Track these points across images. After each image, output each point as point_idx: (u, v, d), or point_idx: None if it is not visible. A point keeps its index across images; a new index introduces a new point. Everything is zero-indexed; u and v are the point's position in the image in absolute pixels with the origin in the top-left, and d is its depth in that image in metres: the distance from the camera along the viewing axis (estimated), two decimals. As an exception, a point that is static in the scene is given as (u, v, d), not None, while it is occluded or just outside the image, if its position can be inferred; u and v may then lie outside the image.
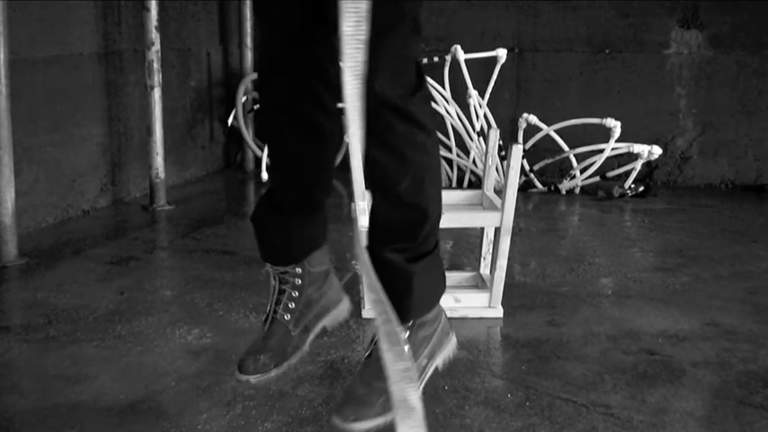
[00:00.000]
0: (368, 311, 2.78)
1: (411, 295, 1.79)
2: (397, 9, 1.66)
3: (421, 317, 1.84)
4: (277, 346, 1.96)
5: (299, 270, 1.96)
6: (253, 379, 1.95)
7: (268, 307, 1.98)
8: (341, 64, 1.57)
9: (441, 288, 1.90)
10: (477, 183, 4.99)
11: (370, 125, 1.61)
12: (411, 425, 1.65)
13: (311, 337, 2.01)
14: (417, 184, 1.74)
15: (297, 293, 1.96)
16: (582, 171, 4.94)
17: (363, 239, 1.67)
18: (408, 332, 1.83)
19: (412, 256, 1.77)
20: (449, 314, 2.84)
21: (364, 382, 1.81)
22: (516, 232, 3.84)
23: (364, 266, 1.65)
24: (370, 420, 1.78)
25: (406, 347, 1.71)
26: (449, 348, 1.96)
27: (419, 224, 1.77)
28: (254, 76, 5.42)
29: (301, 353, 2.01)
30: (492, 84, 5.03)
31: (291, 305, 1.96)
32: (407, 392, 1.66)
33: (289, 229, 1.90)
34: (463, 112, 5.01)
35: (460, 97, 5.01)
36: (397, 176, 1.73)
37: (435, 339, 1.90)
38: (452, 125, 5.02)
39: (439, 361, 1.92)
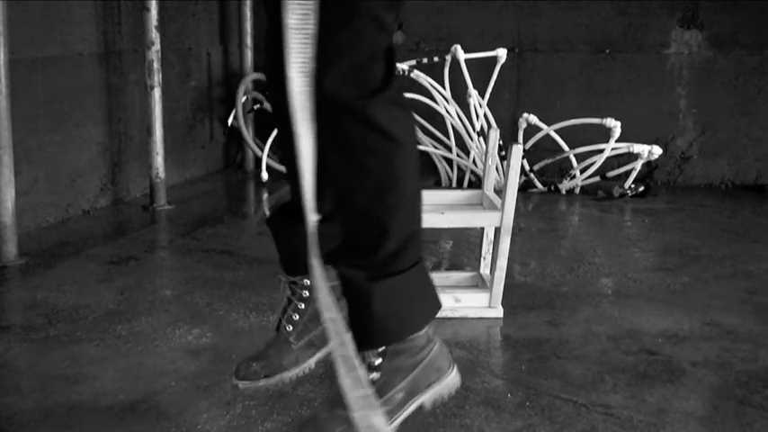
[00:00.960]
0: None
1: (372, 318, 1.60)
2: (348, 2, 1.51)
3: (390, 344, 1.66)
4: (273, 357, 1.91)
5: (307, 282, 1.89)
6: (240, 384, 1.92)
7: (278, 315, 1.94)
8: (286, 59, 1.48)
9: (419, 315, 1.68)
10: (477, 183, 4.99)
11: (322, 127, 1.50)
12: None
13: (318, 354, 1.91)
14: (377, 197, 1.58)
15: (303, 306, 1.90)
16: (582, 171, 4.94)
17: (315, 248, 1.55)
18: (381, 359, 1.66)
19: (373, 275, 1.60)
20: (449, 314, 2.87)
21: (327, 407, 1.69)
22: (516, 232, 3.84)
23: (315, 279, 1.54)
24: None
25: (373, 374, 1.63)
26: (442, 387, 1.74)
27: (379, 240, 1.60)
28: (255, 76, 5.42)
29: (302, 368, 1.92)
30: (492, 84, 5.03)
31: (295, 317, 1.90)
32: (371, 417, 1.57)
33: (299, 238, 1.73)
34: (463, 112, 5.01)
35: (460, 97, 5.01)
36: (354, 186, 1.59)
37: (419, 373, 1.70)
38: (452, 125, 5.02)
39: (426, 399, 1.72)
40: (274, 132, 5.25)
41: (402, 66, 4.97)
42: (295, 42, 1.47)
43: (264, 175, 5.14)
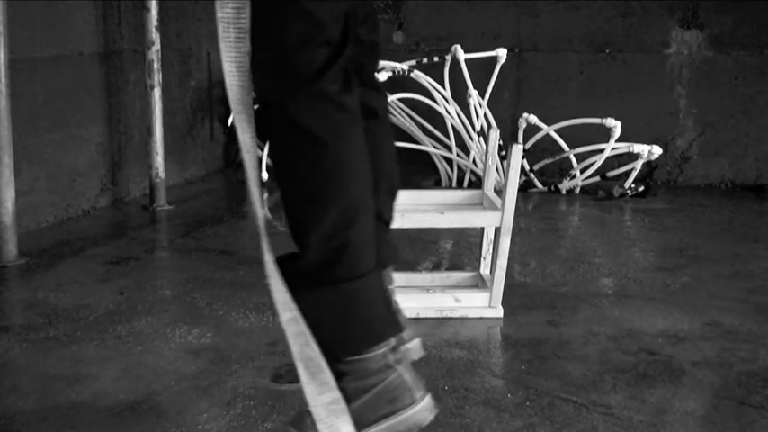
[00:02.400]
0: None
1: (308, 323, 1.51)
2: None
3: (328, 358, 1.53)
4: None
5: None
6: (268, 385, 1.87)
7: None
8: (222, 53, 1.47)
9: (356, 336, 1.55)
10: (477, 183, 4.99)
11: (258, 123, 1.48)
12: None
13: None
14: (301, 200, 1.53)
15: None
16: (582, 171, 4.94)
17: (266, 245, 1.51)
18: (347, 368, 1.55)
19: (297, 281, 1.53)
20: (449, 314, 2.88)
21: (295, 426, 1.62)
22: (516, 232, 3.84)
23: (269, 277, 1.49)
24: None
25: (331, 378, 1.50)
26: (397, 422, 1.56)
27: (301, 247, 1.54)
28: (254, 75, 5.41)
29: None
30: (492, 84, 5.03)
31: None
32: (340, 427, 1.49)
33: None
34: (463, 112, 5.01)
35: (460, 97, 5.01)
36: (282, 185, 1.54)
37: (366, 401, 1.55)
38: (452, 125, 5.02)
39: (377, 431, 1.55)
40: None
41: (402, 66, 4.97)
42: (229, 37, 1.46)
43: (264, 175, 5.14)
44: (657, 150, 4.79)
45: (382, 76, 4.88)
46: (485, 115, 5.00)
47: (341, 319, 1.54)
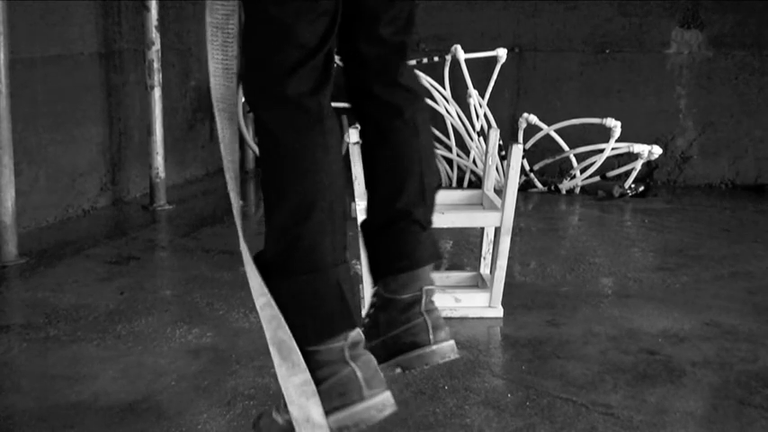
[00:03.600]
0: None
1: None
2: (246, 4, 1.65)
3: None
4: None
5: (373, 289, 1.86)
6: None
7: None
8: (208, 54, 1.65)
9: (305, 328, 1.61)
10: (477, 183, 4.99)
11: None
12: None
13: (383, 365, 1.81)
14: (265, 189, 1.68)
15: (371, 311, 1.85)
16: (582, 171, 4.94)
17: (242, 233, 1.68)
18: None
19: (262, 269, 1.67)
20: (449, 314, 2.87)
21: (276, 409, 1.71)
22: (516, 232, 3.83)
23: (244, 264, 1.61)
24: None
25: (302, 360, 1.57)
26: (345, 416, 1.60)
27: (266, 234, 1.68)
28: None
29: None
30: (492, 84, 5.03)
31: (366, 320, 1.84)
32: (309, 409, 1.55)
33: (368, 245, 1.82)
34: (463, 112, 5.01)
35: (460, 97, 5.01)
36: (261, 172, 1.70)
37: (321, 390, 1.60)
38: (452, 125, 5.02)
39: (332, 423, 1.59)
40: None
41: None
42: (217, 40, 1.65)
43: (264, 175, 5.14)
44: (657, 150, 4.79)
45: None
46: (485, 115, 5.00)
47: (296, 309, 1.61)
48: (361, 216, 2.73)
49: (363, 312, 1.85)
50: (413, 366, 1.81)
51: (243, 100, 5.77)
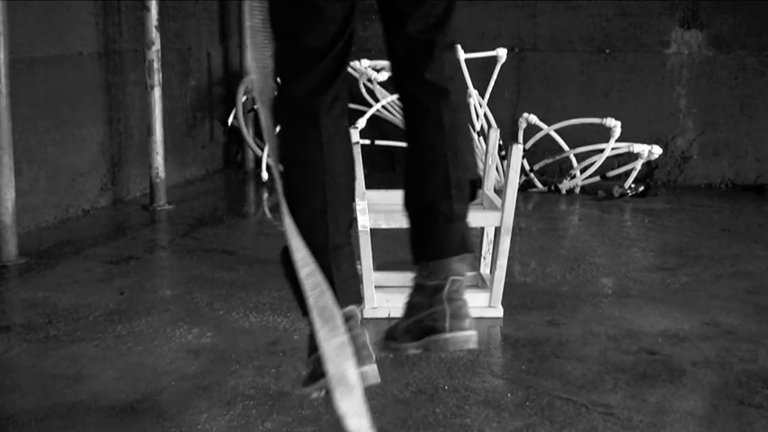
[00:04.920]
0: (368, 311, 2.78)
1: None
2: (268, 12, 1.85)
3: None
4: None
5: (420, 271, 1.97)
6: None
7: None
8: (249, 54, 1.88)
9: (300, 300, 1.82)
10: (477, 183, 4.98)
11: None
12: (351, 404, 1.69)
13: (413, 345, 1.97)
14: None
15: (410, 292, 1.99)
16: (582, 171, 4.94)
17: (285, 210, 1.80)
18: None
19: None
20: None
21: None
22: (516, 232, 3.83)
23: (289, 239, 1.77)
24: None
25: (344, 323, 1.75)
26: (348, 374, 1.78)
27: None
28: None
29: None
30: (492, 84, 5.03)
31: (406, 301, 1.97)
32: (345, 369, 1.71)
33: (409, 231, 1.97)
34: (463, 112, 5.00)
35: (460, 97, 5.00)
36: None
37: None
38: (452, 125, 5.01)
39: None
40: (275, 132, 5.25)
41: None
42: (257, 41, 1.82)
43: (264, 175, 5.14)
44: (657, 150, 4.79)
45: (382, 76, 4.88)
46: (485, 115, 5.00)
47: (296, 282, 1.81)
48: (360, 216, 2.75)
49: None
50: (431, 350, 1.95)
51: (243, 99, 5.71)
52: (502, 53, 5.01)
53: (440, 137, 1.94)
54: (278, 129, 1.88)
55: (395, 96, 5.00)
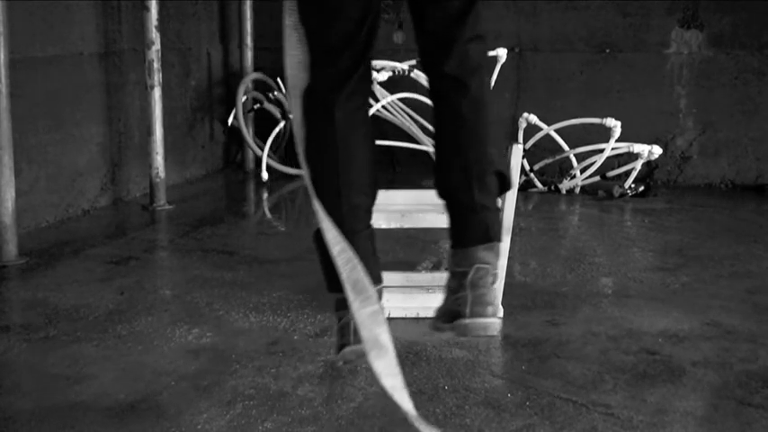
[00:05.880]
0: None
1: None
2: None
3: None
4: None
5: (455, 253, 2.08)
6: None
7: None
8: (285, 51, 1.98)
9: (324, 277, 2.01)
10: (477, 183, 4.98)
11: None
12: (385, 364, 1.82)
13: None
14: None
15: (447, 272, 2.10)
16: (582, 171, 4.94)
17: (312, 192, 1.93)
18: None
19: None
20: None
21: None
22: (516, 232, 3.83)
23: (319, 218, 1.89)
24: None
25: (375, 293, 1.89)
26: (339, 355, 1.98)
27: None
28: (255, 75, 5.41)
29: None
30: (492, 84, 5.03)
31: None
32: (378, 334, 1.84)
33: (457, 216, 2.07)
34: (463, 112, 4.99)
35: (460, 97, 5.00)
36: None
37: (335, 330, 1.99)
38: (452, 125, 5.01)
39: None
40: (274, 132, 5.26)
41: (402, 66, 4.97)
42: (293, 39, 1.95)
43: (264, 175, 5.14)
44: (657, 150, 4.79)
45: (382, 76, 4.88)
46: (485, 115, 4.99)
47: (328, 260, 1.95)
48: None
49: None
50: (458, 334, 2.05)
51: (243, 99, 5.70)
52: (502, 53, 5.01)
53: (460, 129, 2.03)
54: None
55: (395, 96, 5.00)
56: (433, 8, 1.98)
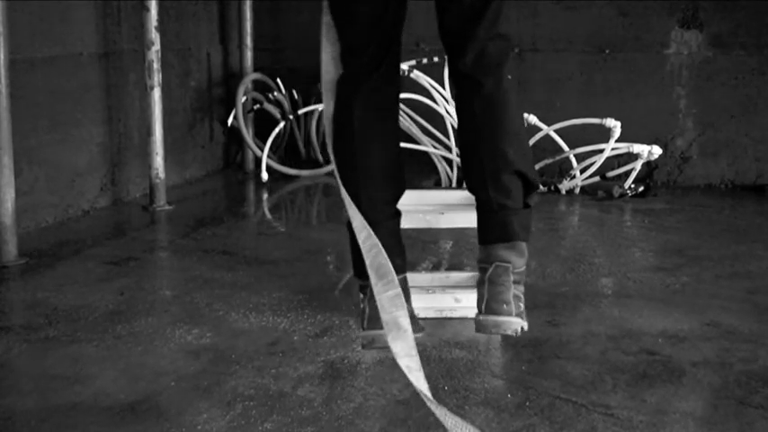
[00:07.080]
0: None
1: None
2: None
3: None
4: None
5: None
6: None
7: None
8: (322, 48, 2.09)
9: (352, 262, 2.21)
10: (477, 183, 4.98)
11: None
12: (403, 345, 1.89)
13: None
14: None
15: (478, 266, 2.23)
16: (582, 171, 4.94)
17: (341, 183, 2.02)
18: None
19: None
20: (449, 314, 2.88)
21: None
22: (516, 232, 3.82)
23: (347, 208, 1.98)
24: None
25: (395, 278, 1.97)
26: (360, 335, 2.19)
27: None
28: (255, 76, 5.41)
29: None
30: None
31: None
32: (398, 316, 1.92)
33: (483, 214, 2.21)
34: (463, 112, 4.99)
35: (460, 97, 5.00)
36: None
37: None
38: (452, 125, 5.02)
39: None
40: (274, 132, 5.26)
41: (402, 66, 4.96)
42: (330, 36, 2.07)
43: (264, 176, 5.14)
44: (657, 150, 4.79)
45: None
46: (485, 115, 4.99)
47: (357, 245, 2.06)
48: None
49: None
50: (474, 328, 2.18)
51: (243, 99, 5.71)
52: (502, 53, 5.01)
53: (474, 127, 2.09)
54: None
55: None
56: (454, 6, 2.03)
